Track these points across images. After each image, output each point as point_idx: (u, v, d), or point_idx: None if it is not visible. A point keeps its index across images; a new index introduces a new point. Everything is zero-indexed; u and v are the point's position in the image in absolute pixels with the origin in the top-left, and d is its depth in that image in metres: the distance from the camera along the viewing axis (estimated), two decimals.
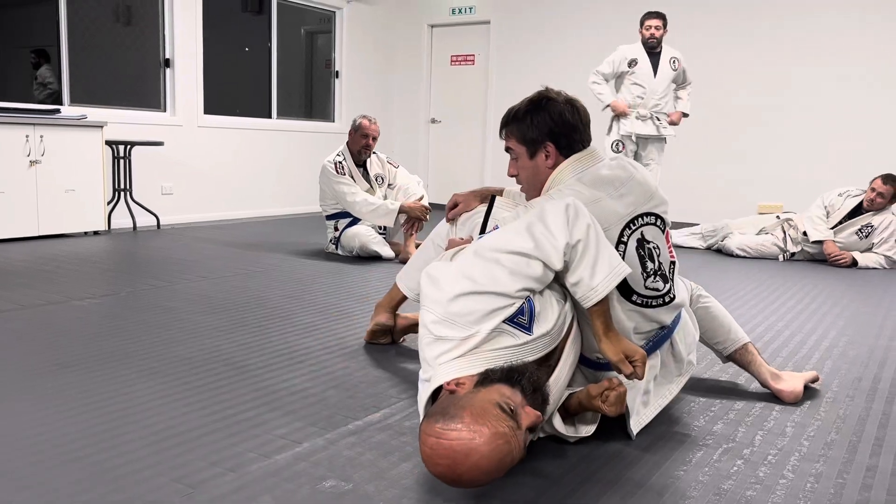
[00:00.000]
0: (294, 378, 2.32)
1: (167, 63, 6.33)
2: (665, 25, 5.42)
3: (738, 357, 2.29)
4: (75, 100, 5.80)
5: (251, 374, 2.34)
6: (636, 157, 5.56)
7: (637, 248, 1.87)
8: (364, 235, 4.64)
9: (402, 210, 4.55)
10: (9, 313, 3.06)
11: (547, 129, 1.96)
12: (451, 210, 2.49)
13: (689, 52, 6.77)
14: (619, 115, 5.50)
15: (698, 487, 1.66)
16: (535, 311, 1.69)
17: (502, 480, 1.60)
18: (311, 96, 8.30)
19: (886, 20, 6.00)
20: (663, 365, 2.01)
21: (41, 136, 5.06)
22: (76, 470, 1.65)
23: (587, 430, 1.85)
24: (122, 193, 5.82)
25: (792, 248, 5.24)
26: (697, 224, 5.93)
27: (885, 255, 5.00)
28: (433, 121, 8.54)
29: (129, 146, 5.75)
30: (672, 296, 1.93)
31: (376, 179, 4.82)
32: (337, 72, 8.00)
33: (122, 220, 5.83)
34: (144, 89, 6.45)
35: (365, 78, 8.27)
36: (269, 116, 7.37)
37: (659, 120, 5.46)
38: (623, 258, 1.80)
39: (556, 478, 1.68)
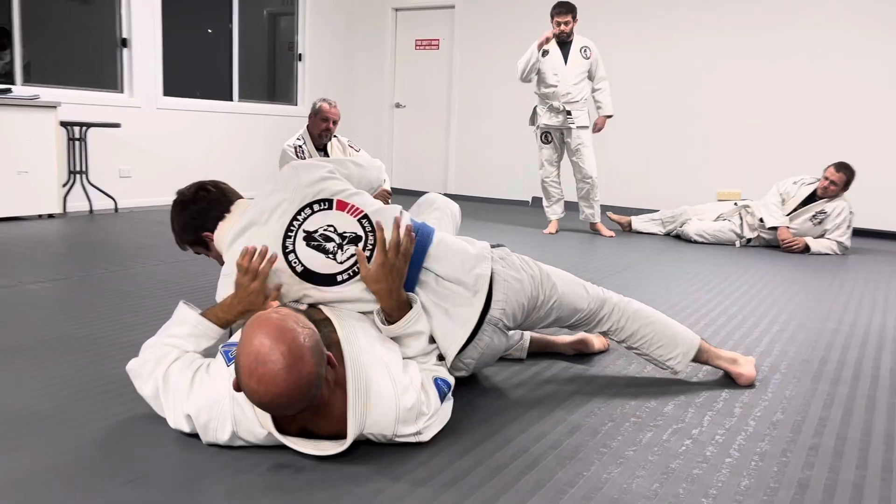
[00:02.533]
0: None
1: (124, 43, 6.18)
2: (574, 18, 5.48)
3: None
4: (28, 79, 5.64)
5: None
6: (563, 143, 5.66)
7: (307, 245, 1.85)
8: None
9: None
10: None
11: (193, 227, 2.04)
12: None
13: (651, 39, 6.84)
14: (532, 115, 5.69)
15: (647, 467, 1.69)
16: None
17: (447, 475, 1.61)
18: (273, 79, 8.18)
19: (847, 9, 6.11)
20: (440, 296, 1.92)
21: None
22: (21, 457, 1.62)
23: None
24: (78, 176, 5.69)
25: (748, 235, 5.34)
26: (657, 210, 6.00)
27: (837, 241, 5.12)
28: (397, 105, 8.49)
29: (84, 127, 5.62)
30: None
31: None
32: (300, 54, 7.90)
33: (78, 203, 5.71)
34: (100, 69, 6.30)
35: (328, 61, 8.18)
36: (231, 99, 7.25)
37: (570, 114, 5.50)
38: (299, 262, 1.84)
39: (502, 464, 1.70)
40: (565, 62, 5.51)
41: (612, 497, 1.54)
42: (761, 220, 5.28)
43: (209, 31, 7.66)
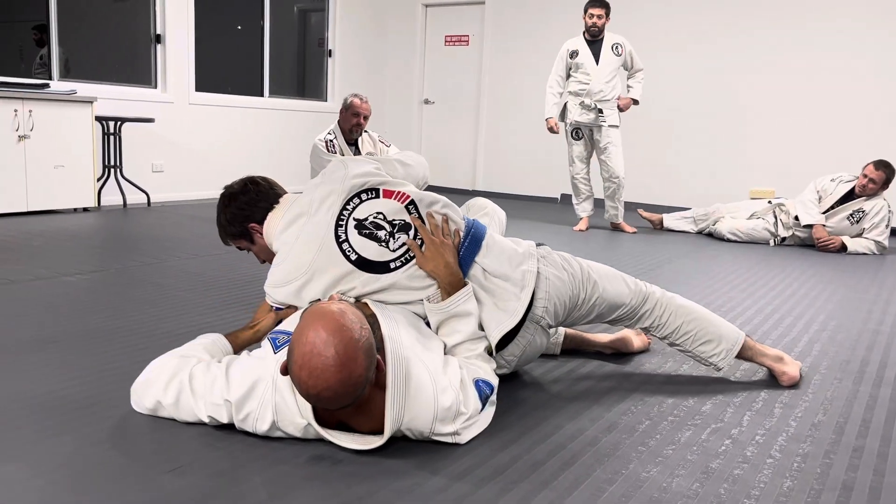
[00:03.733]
0: None
1: (158, 39, 6.25)
2: (608, 14, 5.45)
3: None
4: (65, 75, 5.73)
5: None
6: (593, 140, 5.61)
7: (360, 234, 1.87)
8: None
9: None
10: None
11: (240, 218, 2.07)
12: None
13: (685, 37, 6.75)
14: (562, 111, 5.64)
15: (686, 466, 1.66)
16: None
17: (482, 468, 1.60)
18: (303, 75, 8.23)
19: (883, 9, 5.98)
20: (488, 291, 1.94)
21: (30, 111, 5.00)
22: (60, 444, 1.64)
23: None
24: (112, 170, 5.76)
25: (783, 233, 5.25)
26: (689, 208, 5.93)
27: (875, 241, 5.02)
28: (426, 101, 8.49)
29: (119, 122, 5.69)
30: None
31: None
32: (330, 50, 7.93)
33: (111, 197, 5.79)
34: (135, 65, 6.38)
35: (358, 57, 8.20)
36: (262, 94, 7.31)
37: (601, 112, 5.46)
38: (353, 250, 1.86)
39: (540, 461, 1.68)
40: (597, 61, 5.48)
41: (651, 496, 1.52)
42: (796, 217, 5.19)
43: (238, 27, 7.72)
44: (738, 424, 1.92)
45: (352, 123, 4.69)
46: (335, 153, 4.65)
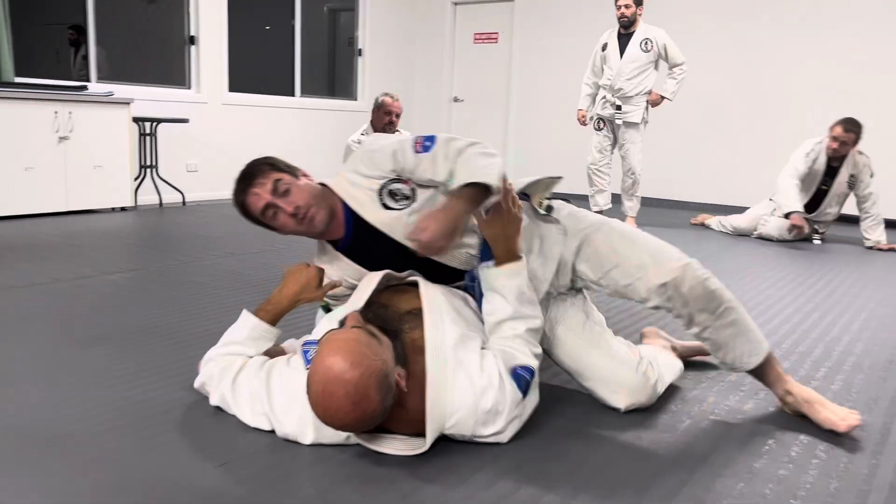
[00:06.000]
0: None
1: (192, 40, 6.34)
2: (638, 3, 5.32)
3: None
4: (102, 77, 5.84)
5: None
6: (616, 135, 5.60)
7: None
8: None
9: None
10: (43, 286, 3.11)
11: (286, 162, 1.99)
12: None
13: (714, 30, 6.67)
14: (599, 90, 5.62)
15: (730, 465, 1.65)
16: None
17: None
18: (333, 74, 8.29)
19: None
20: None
21: (70, 113, 5.10)
22: (113, 438, 1.68)
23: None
24: (149, 170, 5.86)
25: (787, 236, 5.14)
26: (748, 208, 5.72)
27: (872, 216, 4.97)
28: (455, 99, 8.50)
29: (155, 123, 5.79)
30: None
31: None
32: (360, 49, 7.98)
33: (148, 196, 5.89)
34: (170, 67, 6.48)
35: (388, 56, 8.24)
36: (293, 94, 7.37)
37: (619, 109, 5.41)
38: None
39: (580, 459, 1.68)
40: (621, 56, 5.40)
41: (696, 495, 1.51)
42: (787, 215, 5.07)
43: (267, 27, 7.80)
44: (781, 424, 1.90)
45: (384, 122, 4.72)
46: None
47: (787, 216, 4.99)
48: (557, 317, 1.98)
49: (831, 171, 5.05)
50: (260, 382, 1.73)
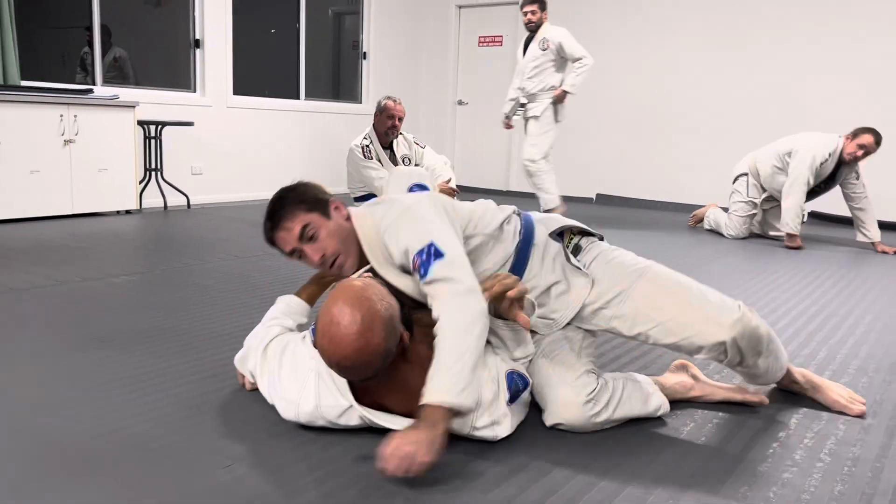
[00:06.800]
0: None
1: (197, 44, 6.36)
2: (542, 9, 5.63)
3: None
4: (108, 80, 5.86)
5: None
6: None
7: None
8: None
9: None
10: (48, 288, 3.13)
11: (317, 189, 1.90)
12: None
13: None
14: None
15: (734, 469, 1.65)
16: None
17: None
18: (338, 77, 8.30)
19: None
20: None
21: (75, 116, 5.12)
22: (118, 440, 1.69)
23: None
24: (154, 173, 5.88)
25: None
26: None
27: (866, 198, 4.95)
28: (460, 102, 8.50)
29: (160, 126, 5.80)
30: None
31: (403, 160, 4.82)
32: (364, 53, 7.99)
33: (153, 199, 5.90)
34: (175, 70, 6.50)
35: (392, 59, 8.25)
36: (298, 97, 7.39)
37: (522, 106, 5.76)
38: None
39: (585, 463, 1.68)
40: (524, 54, 5.74)
41: (699, 499, 1.51)
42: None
43: (272, 31, 7.82)
44: (785, 428, 1.90)
45: (387, 126, 4.73)
46: (371, 159, 4.70)
47: (790, 236, 4.96)
48: (545, 350, 1.87)
49: (831, 176, 5.01)
50: (276, 355, 1.81)
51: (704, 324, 1.77)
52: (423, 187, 2.36)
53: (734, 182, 5.40)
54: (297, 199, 1.85)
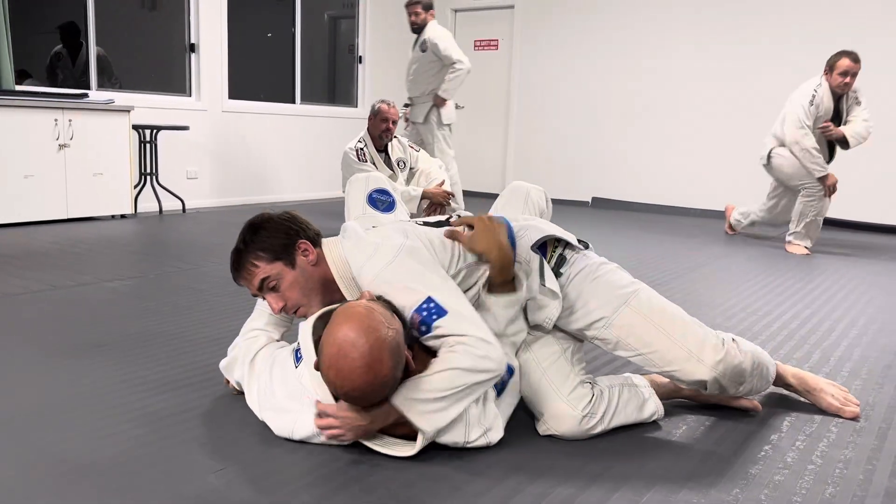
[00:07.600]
0: None
1: (192, 48, 6.36)
2: (426, 9, 5.58)
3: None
4: (102, 84, 5.86)
5: None
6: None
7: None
8: None
9: (424, 196, 4.55)
10: (42, 293, 3.12)
11: (284, 229, 1.79)
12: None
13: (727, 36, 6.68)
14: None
15: (726, 471, 1.65)
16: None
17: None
18: (334, 81, 8.30)
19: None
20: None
21: (70, 120, 5.12)
22: (111, 444, 1.69)
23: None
24: (149, 177, 5.87)
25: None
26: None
27: (864, 122, 4.82)
28: (456, 106, 8.48)
29: (155, 130, 5.80)
30: None
31: (398, 164, 4.83)
32: (360, 57, 8.00)
33: (148, 203, 5.90)
34: (170, 74, 6.50)
35: (388, 63, 8.25)
36: (293, 101, 7.39)
37: (406, 107, 5.72)
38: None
39: (576, 465, 1.69)
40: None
41: (692, 501, 1.52)
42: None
43: (267, 35, 7.82)
44: (777, 430, 1.90)
45: (381, 129, 4.74)
46: (365, 161, 4.70)
47: (821, 179, 4.74)
48: (537, 355, 1.83)
49: (836, 112, 4.82)
50: (265, 372, 1.80)
51: (686, 362, 1.77)
52: (383, 192, 2.22)
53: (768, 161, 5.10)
54: (259, 247, 1.78)
